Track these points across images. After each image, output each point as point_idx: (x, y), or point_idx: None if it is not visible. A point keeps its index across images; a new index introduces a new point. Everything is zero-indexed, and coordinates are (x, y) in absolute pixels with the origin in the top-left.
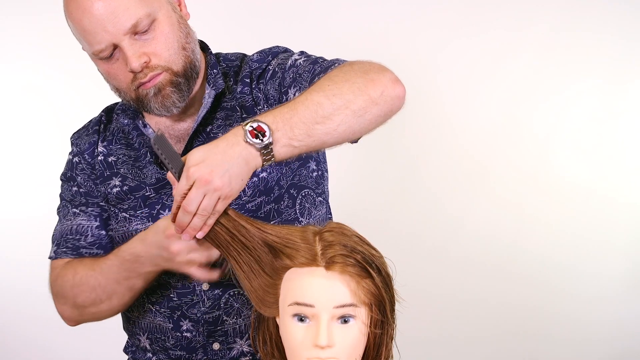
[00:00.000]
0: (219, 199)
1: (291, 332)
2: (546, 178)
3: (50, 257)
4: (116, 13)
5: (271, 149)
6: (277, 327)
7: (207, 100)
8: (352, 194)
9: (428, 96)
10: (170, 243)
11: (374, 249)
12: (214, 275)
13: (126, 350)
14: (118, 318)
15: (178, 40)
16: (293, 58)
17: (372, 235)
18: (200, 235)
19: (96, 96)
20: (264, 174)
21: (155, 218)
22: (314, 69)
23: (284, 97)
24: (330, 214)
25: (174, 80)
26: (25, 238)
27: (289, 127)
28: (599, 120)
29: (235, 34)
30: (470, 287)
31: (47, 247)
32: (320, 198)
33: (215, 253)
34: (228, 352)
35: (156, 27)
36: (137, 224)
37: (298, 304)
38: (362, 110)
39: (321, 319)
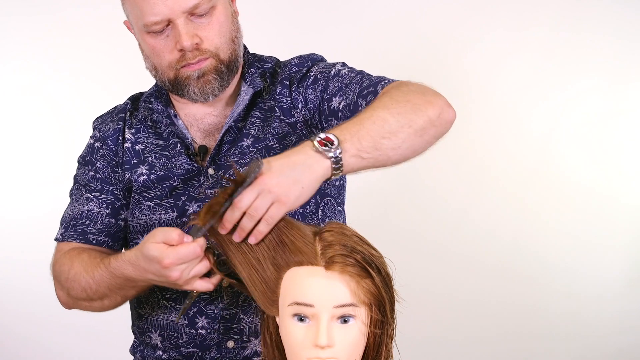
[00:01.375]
0: (272, 203)
1: (291, 332)
2: (547, 178)
3: (56, 239)
4: None
5: (340, 157)
6: (277, 327)
7: (244, 97)
8: (352, 194)
9: None
10: (169, 273)
11: (374, 248)
12: (215, 281)
13: (134, 349)
14: (124, 319)
15: (230, 31)
16: (337, 68)
17: (372, 235)
18: (251, 240)
19: (97, 95)
20: None
21: (180, 209)
22: (362, 82)
23: (326, 105)
24: (346, 223)
25: (219, 67)
26: (25, 238)
27: (357, 139)
28: (600, 120)
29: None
30: (470, 286)
31: (48, 247)
32: (340, 207)
33: (203, 268)
34: (242, 350)
35: (213, 13)
36: (160, 214)
37: (298, 303)
38: (422, 130)
39: (321, 318)
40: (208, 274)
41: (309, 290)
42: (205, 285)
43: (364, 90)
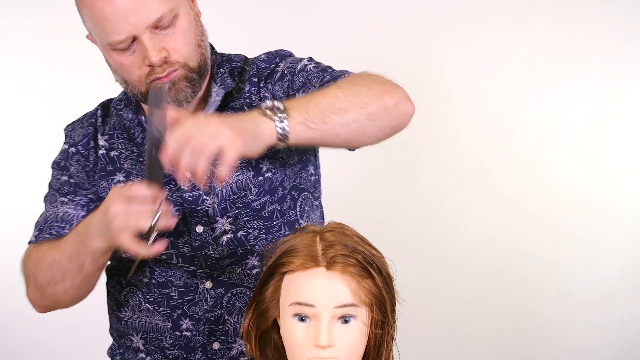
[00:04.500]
0: (217, 147)
1: (292, 332)
2: (546, 178)
3: (30, 242)
4: (142, 5)
5: (286, 123)
6: (277, 328)
7: (216, 99)
8: (352, 194)
9: (427, 96)
10: (111, 203)
11: (375, 249)
12: (143, 249)
13: (112, 352)
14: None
15: (195, 37)
16: (303, 63)
17: (372, 235)
18: (217, 184)
19: (97, 95)
20: (269, 174)
21: None
22: (323, 76)
23: None
24: (323, 218)
25: (189, 75)
26: (26, 238)
27: (305, 109)
28: (598, 120)
29: (235, 37)
30: (470, 287)
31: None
32: (317, 202)
33: (146, 223)
34: (227, 351)
35: (177, 23)
36: None
37: (299, 303)
38: (375, 114)
39: (322, 318)
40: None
41: (310, 290)
42: (131, 244)
43: (324, 84)
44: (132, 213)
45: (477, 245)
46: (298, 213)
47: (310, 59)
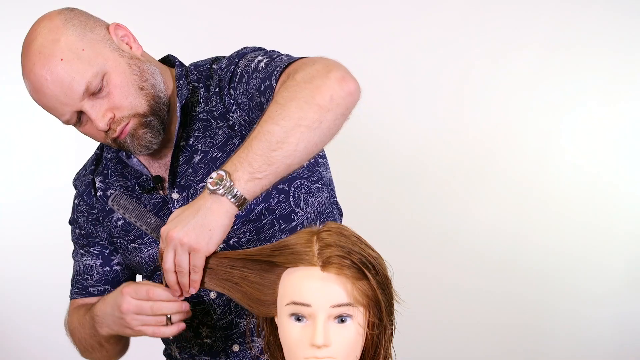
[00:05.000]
0: (189, 253)
1: (288, 332)
2: (547, 177)
3: (69, 298)
4: (64, 84)
5: (235, 190)
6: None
7: (178, 115)
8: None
9: (427, 95)
10: (122, 300)
11: (372, 249)
12: (167, 331)
13: (166, 355)
14: None
15: (134, 84)
16: (257, 60)
17: (372, 235)
18: (192, 291)
19: None
20: None
21: None
22: (262, 77)
23: (251, 103)
24: (335, 196)
25: (144, 121)
26: (26, 238)
27: (247, 163)
28: (599, 119)
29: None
30: (470, 287)
31: (51, 247)
32: (317, 185)
33: (160, 321)
34: (249, 351)
35: (108, 81)
36: (148, 250)
37: (295, 303)
38: (316, 122)
39: (318, 318)
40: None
41: (306, 290)
42: (155, 331)
43: (261, 86)
44: (145, 310)
45: (478, 245)
46: (292, 203)
47: (265, 53)
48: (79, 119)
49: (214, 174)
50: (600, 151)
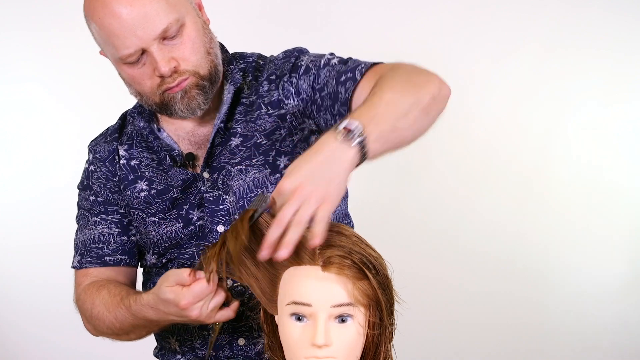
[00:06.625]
0: (317, 207)
1: (289, 331)
2: (548, 176)
3: (73, 267)
4: (147, 18)
5: (365, 143)
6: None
7: (227, 96)
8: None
9: None
10: (188, 313)
11: (373, 249)
12: (235, 307)
13: (156, 354)
14: None
15: (204, 45)
16: (326, 57)
17: (372, 236)
18: (285, 253)
19: (96, 94)
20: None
21: (185, 219)
22: (341, 69)
23: (318, 95)
24: (347, 208)
25: (200, 83)
26: (26, 238)
27: (375, 123)
28: (601, 119)
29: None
30: (470, 287)
31: (51, 247)
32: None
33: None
34: (253, 347)
35: (184, 32)
36: (167, 227)
37: (295, 303)
38: (428, 107)
39: (318, 318)
40: (226, 303)
41: (307, 290)
42: (226, 314)
43: (341, 76)
44: (205, 301)
45: (479, 245)
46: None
47: (332, 54)
48: (138, 60)
49: (345, 121)
50: (602, 151)
